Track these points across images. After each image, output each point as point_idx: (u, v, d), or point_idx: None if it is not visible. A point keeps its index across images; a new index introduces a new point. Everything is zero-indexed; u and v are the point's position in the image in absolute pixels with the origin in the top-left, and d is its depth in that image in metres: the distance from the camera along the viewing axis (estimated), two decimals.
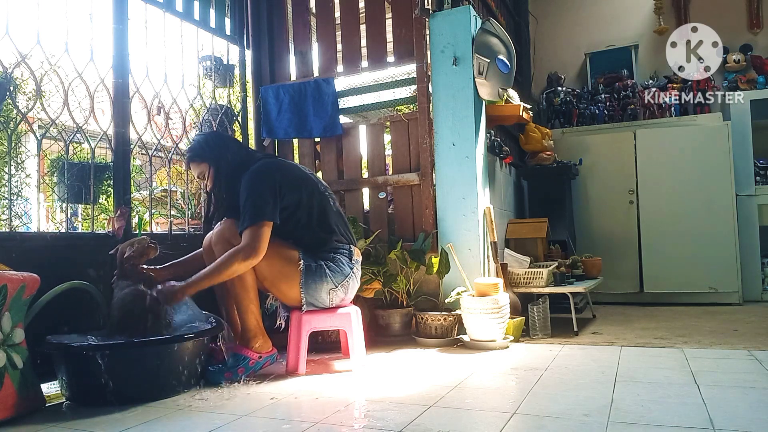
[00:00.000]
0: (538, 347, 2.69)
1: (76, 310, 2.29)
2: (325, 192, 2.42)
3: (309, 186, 2.35)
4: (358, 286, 2.44)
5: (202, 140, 2.43)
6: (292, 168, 2.41)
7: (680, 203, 4.24)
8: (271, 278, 2.26)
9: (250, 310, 2.25)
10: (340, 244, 2.37)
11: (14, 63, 2.32)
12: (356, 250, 2.44)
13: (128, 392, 1.91)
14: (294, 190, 2.29)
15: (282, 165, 2.40)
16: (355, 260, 2.40)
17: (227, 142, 2.45)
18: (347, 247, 2.39)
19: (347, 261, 2.35)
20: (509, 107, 3.42)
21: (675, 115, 4.59)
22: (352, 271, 2.35)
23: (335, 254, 2.33)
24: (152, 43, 2.92)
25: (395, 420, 1.61)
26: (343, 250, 2.36)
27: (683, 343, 2.69)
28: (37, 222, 3.23)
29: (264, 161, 2.37)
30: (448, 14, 3.10)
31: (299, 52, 3.67)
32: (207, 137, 2.46)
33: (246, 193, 2.23)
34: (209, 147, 2.39)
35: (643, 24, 5.02)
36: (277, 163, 2.40)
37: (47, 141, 2.50)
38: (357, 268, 2.40)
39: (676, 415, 1.57)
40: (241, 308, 2.26)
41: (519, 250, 3.48)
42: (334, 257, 2.32)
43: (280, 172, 2.31)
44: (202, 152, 2.39)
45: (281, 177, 2.28)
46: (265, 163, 2.35)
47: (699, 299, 4.14)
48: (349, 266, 2.35)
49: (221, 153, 2.37)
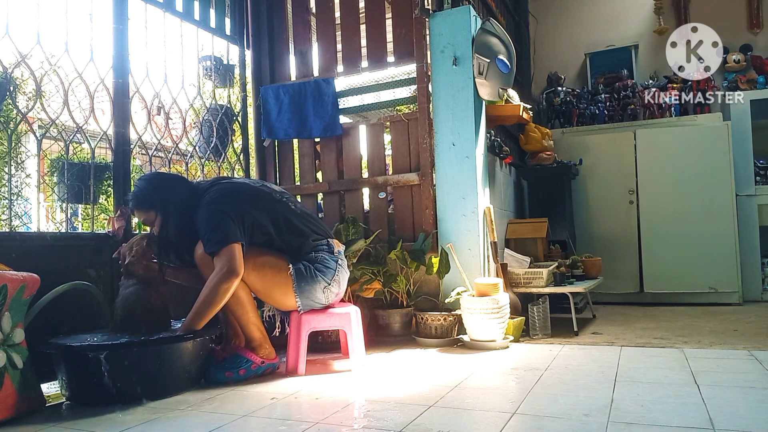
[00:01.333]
0: (538, 347, 2.69)
1: (77, 310, 2.30)
2: (282, 199, 2.37)
3: (264, 199, 2.31)
4: (347, 276, 2.43)
5: (148, 186, 2.29)
6: (242, 188, 2.34)
7: (680, 203, 4.24)
8: (264, 290, 2.26)
9: (251, 322, 2.26)
10: (317, 241, 2.36)
11: (14, 63, 2.32)
12: (334, 241, 2.42)
13: (128, 392, 1.91)
14: (251, 209, 2.24)
15: (232, 189, 2.31)
16: (337, 251, 2.39)
17: (173, 184, 2.31)
18: (325, 242, 2.37)
19: (329, 255, 2.34)
20: (509, 107, 3.42)
21: (675, 115, 4.59)
22: (337, 264, 2.35)
23: (316, 253, 2.32)
24: (152, 43, 2.93)
25: (395, 420, 1.61)
26: (322, 246, 2.35)
27: (683, 343, 2.69)
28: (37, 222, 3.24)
29: (212, 192, 2.26)
30: (448, 14, 3.10)
31: (299, 52, 3.67)
32: (152, 182, 2.31)
33: (204, 224, 2.17)
34: (156, 193, 2.26)
35: (643, 24, 5.02)
36: (227, 189, 2.30)
37: (47, 141, 2.50)
38: (341, 259, 2.39)
39: (676, 415, 1.57)
40: (242, 323, 2.26)
41: (519, 250, 3.48)
42: (317, 256, 2.31)
43: (232, 196, 2.25)
44: (149, 199, 2.26)
45: (234, 200, 2.23)
46: (216, 194, 2.25)
47: (699, 299, 4.14)
48: (333, 260, 2.34)
49: (168, 197, 2.25)
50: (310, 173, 3.59)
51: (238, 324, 2.29)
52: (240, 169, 3.63)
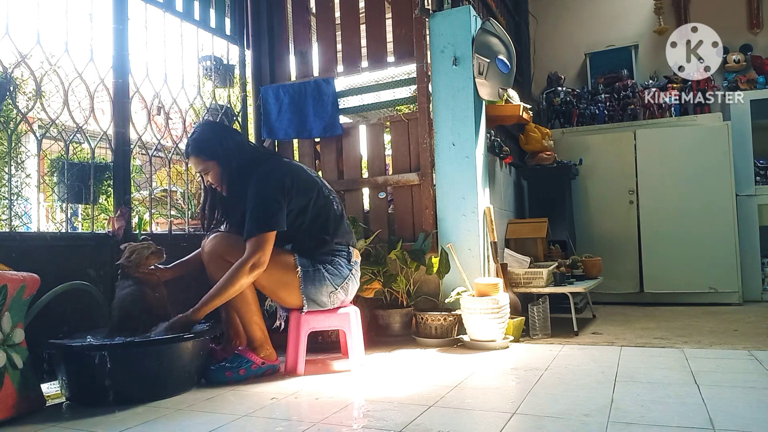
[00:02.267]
0: (538, 347, 2.69)
1: (77, 310, 2.30)
2: (329, 195, 2.38)
3: (315, 190, 2.31)
4: (357, 287, 2.43)
5: (210, 133, 2.26)
6: (300, 171, 2.32)
7: (680, 203, 4.24)
8: (270, 287, 2.26)
9: (254, 322, 2.25)
10: (340, 246, 2.35)
11: (14, 63, 2.32)
12: (355, 251, 2.43)
13: (128, 392, 1.91)
14: (301, 195, 2.24)
15: (291, 168, 2.30)
16: (354, 261, 2.39)
17: (239, 139, 2.30)
18: (346, 249, 2.37)
19: (345, 263, 2.34)
20: (509, 107, 3.42)
21: (675, 115, 4.59)
22: (350, 273, 2.34)
23: (333, 257, 2.31)
24: (152, 43, 2.92)
25: (395, 420, 1.61)
26: (342, 252, 2.35)
27: (683, 343, 2.69)
28: (37, 222, 3.23)
29: (272, 163, 2.29)
30: (448, 14, 3.10)
31: (299, 52, 3.67)
32: (215, 130, 2.29)
33: (255, 198, 2.15)
34: (219, 143, 2.22)
35: (643, 24, 5.02)
36: (287, 167, 2.30)
37: (47, 141, 2.50)
38: (356, 270, 2.39)
39: (676, 415, 1.57)
40: (244, 321, 2.26)
41: (519, 250, 3.48)
42: (332, 260, 2.30)
43: (290, 176, 2.24)
44: (211, 149, 2.22)
45: (291, 181, 2.22)
46: (275, 166, 2.26)
47: (699, 299, 4.14)
48: (348, 268, 2.34)
49: (231, 151, 2.23)
50: None
51: (241, 322, 2.28)
52: None
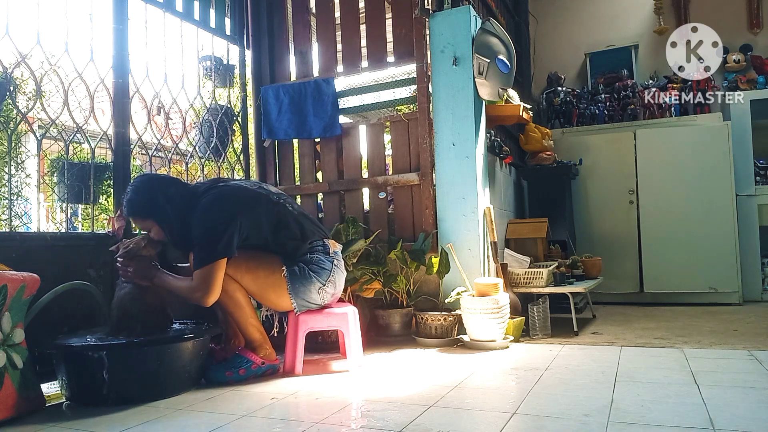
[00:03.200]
0: (538, 347, 2.69)
1: (76, 310, 2.30)
2: (279, 200, 2.34)
3: (262, 203, 2.28)
4: (344, 276, 2.42)
5: (139, 194, 2.22)
6: (239, 190, 2.28)
7: (680, 203, 4.24)
8: (259, 292, 2.26)
9: (250, 324, 2.25)
10: (313, 242, 2.34)
11: (14, 63, 2.32)
12: (330, 242, 2.41)
13: (128, 392, 1.91)
14: (249, 214, 2.22)
15: (229, 193, 2.26)
16: (333, 252, 2.37)
17: (166, 189, 2.23)
18: (320, 243, 2.35)
19: (325, 256, 2.32)
20: (509, 107, 3.42)
21: (675, 115, 4.59)
22: (333, 265, 2.33)
23: (312, 254, 2.31)
24: (152, 43, 2.93)
25: (395, 420, 1.61)
26: (318, 248, 2.34)
27: (683, 343, 2.69)
28: (37, 222, 3.23)
29: (209, 197, 2.22)
30: (448, 14, 3.10)
31: (299, 52, 3.67)
32: (148, 188, 2.23)
33: (199, 230, 2.15)
34: (150, 200, 2.20)
35: (643, 24, 5.02)
36: (226, 192, 2.25)
37: (47, 141, 2.50)
38: (338, 259, 2.38)
39: (676, 415, 1.57)
40: (240, 324, 2.26)
41: (519, 250, 3.48)
42: (311, 257, 2.30)
43: (231, 201, 2.22)
44: (144, 209, 2.22)
45: (233, 206, 2.20)
46: (214, 196, 2.21)
47: (699, 299, 4.14)
48: (329, 260, 2.33)
49: (163, 207, 2.19)
50: (310, 173, 3.59)
51: (237, 325, 2.29)
52: (240, 170, 3.63)
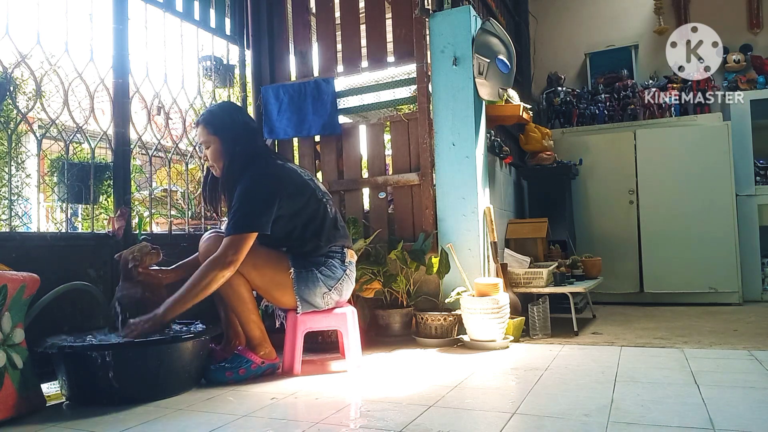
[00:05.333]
0: (538, 347, 2.69)
1: (77, 310, 2.29)
2: (323, 198, 2.35)
3: (307, 194, 2.29)
4: (352, 287, 2.42)
5: (226, 111, 2.30)
6: (292, 176, 2.29)
7: (680, 203, 4.24)
8: (264, 287, 2.25)
9: (251, 320, 2.24)
10: (333, 247, 2.33)
11: (14, 63, 2.32)
12: (350, 251, 2.40)
13: (128, 392, 1.91)
14: (292, 199, 2.23)
15: (284, 171, 2.28)
16: (348, 262, 2.37)
17: (249, 127, 2.32)
18: (340, 250, 2.35)
19: (339, 264, 2.32)
20: (509, 107, 3.42)
21: (675, 115, 4.60)
22: (344, 273, 2.33)
23: (327, 258, 2.30)
24: (152, 43, 2.92)
25: (395, 420, 1.61)
26: (336, 254, 2.33)
27: (683, 343, 2.69)
28: (37, 222, 3.23)
29: (266, 164, 2.26)
30: (448, 14, 3.10)
31: (299, 52, 3.67)
32: (232, 110, 2.33)
33: (239, 199, 2.15)
34: (230, 121, 2.26)
35: (643, 24, 5.02)
36: (280, 170, 2.28)
37: (47, 141, 2.50)
38: (350, 270, 2.38)
39: (676, 415, 1.57)
40: (242, 320, 2.25)
41: (519, 250, 3.48)
42: (326, 261, 2.29)
43: (281, 183, 2.22)
44: (220, 124, 2.26)
45: (280, 187, 2.21)
46: (268, 168, 2.25)
47: (699, 299, 4.14)
48: (342, 268, 2.32)
49: (238, 134, 2.25)
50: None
51: (239, 321, 2.28)
52: None
